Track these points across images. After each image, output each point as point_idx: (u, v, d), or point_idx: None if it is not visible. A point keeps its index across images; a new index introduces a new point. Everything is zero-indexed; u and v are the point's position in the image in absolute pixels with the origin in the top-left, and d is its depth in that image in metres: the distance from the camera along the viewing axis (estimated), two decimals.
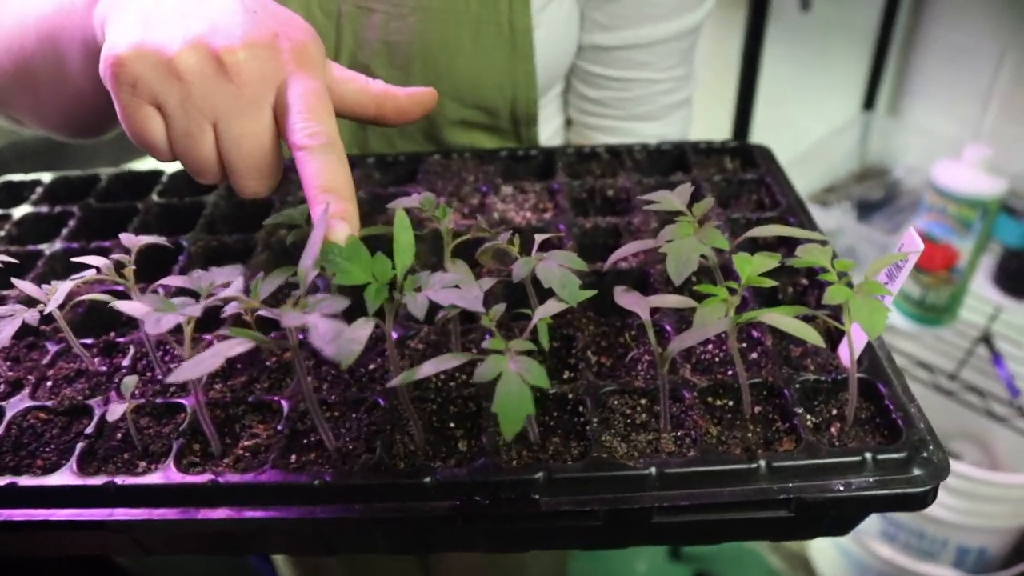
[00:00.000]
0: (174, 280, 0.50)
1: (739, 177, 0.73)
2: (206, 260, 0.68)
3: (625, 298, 0.49)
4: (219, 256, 0.68)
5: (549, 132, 0.87)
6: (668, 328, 0.57)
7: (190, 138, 0.50)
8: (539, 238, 0.51)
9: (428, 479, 0.47)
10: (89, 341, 0.59)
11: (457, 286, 0.44)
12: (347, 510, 0.47)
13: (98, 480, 0.49)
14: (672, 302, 0.48)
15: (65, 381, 0.57)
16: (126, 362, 0.57)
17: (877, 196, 1.56)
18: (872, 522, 1.46)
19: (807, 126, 1.64)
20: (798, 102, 1.65)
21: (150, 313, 0.41)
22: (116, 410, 0.48)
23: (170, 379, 0.38)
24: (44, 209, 0.74)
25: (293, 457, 0.50)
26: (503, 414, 0.39)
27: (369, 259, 0.45)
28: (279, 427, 0.51)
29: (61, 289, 0.51)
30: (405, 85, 0.74)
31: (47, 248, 0.69)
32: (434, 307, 0.44)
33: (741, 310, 0.49)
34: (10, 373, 0.58)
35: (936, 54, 1.50)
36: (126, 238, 0.53)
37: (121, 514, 0.48)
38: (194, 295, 0.47)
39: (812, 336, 0.44)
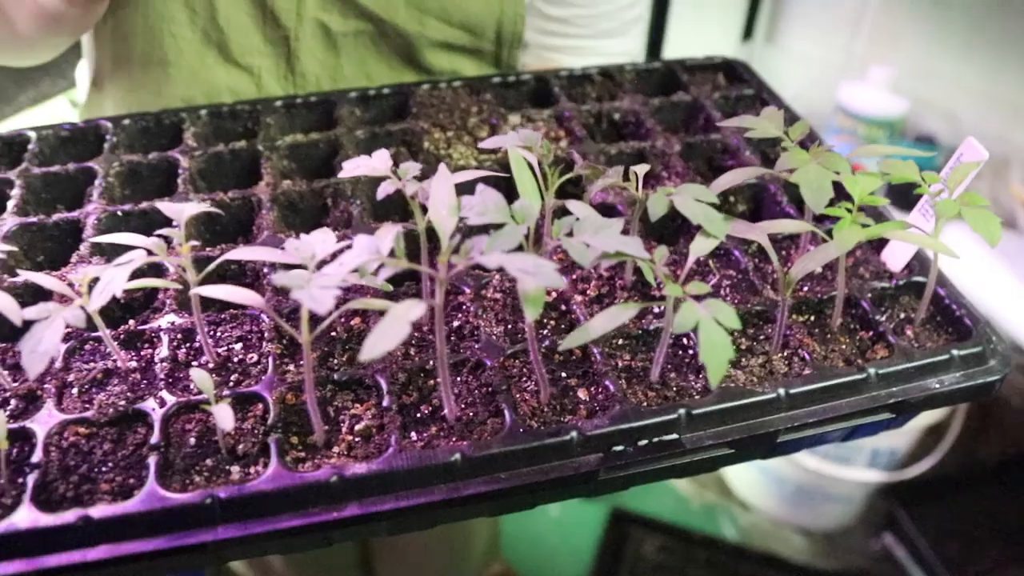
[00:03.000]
0: (249, 252, 0.43)
1: (736, 93, 0.72)
2: (201, 225, 0.59)
3: (737, 226, 0.48)
4: (216, 219, 0.59)
5: None
6: (773, 261, 0.57)
7: None
8: (641, 170, 0.48)
9: (571, 435, 0.45)
10: (104, 333, 0.50)
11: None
12: (492, 482, 0.44)
13: (193, 496, 0.42)
14: (790, 227, 0.48)
15: (94, 385, 0.48)
16: (162, 352, 0.49)
17: None
18: None
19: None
20: (680, 34, 1.67)
21: (306, 283, 0.35)
22: (225, 415, 0.41)
23: (363, 356, 0.33)
24: None
25: (413, 434, 0.45)
26: (710, 362, 0.38)
27: (504, 203, 0.41)
28: (385, 404, 0.46)
29: (110, 278, 0.42)
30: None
31: None
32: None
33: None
34: (15, 384, 0.48)
35: None
36: (169, 207, 0.45)
37: (231, 531, 0.42)
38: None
39: (946, 249, 0.45)
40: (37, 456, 0.44)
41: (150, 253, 0.44)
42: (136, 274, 0.43)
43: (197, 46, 0.69)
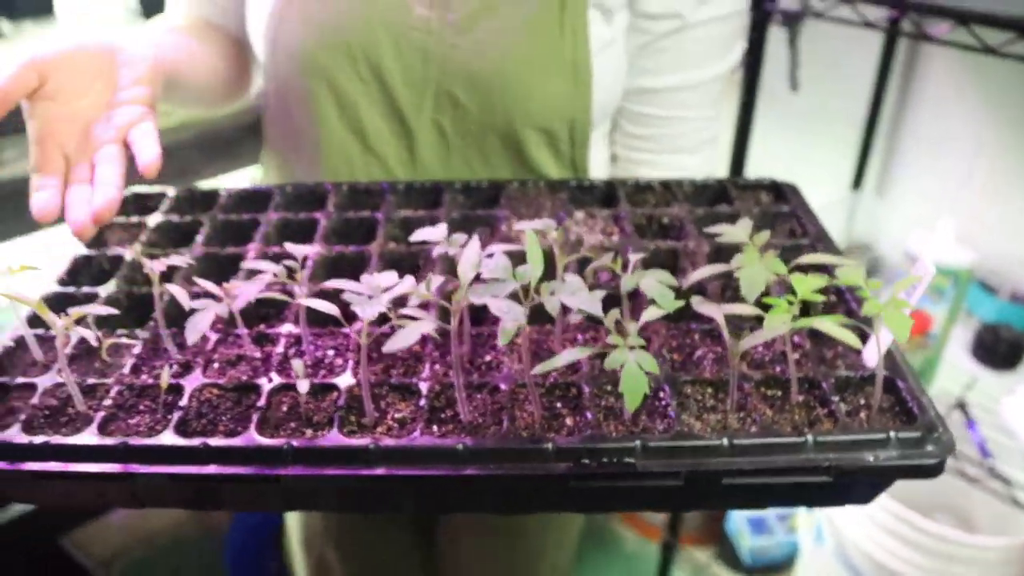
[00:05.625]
0: (338, 283, 0.62)
1: (774, 209, 0.86)
2: (325, 270, 0.80)
3: (704, 307, 0.62)
4: (336, 267, 0.79)
5: (599, 163, 1.00)
6: (724, 335, 0.70)
7: None
8: (633, 258, 0.64)
9: (548, 445, 0.59)
10: (242, 332, 0.71)
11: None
12: (484, 469, 0.59)
13: (275, 442, 0.60)
14: (743, 310, 0.61)
15: (228, 364, 0.68)
16: (279, 349, 0.69)
17: None
18: None
19: None
20: (787, 179, 1.79)
21: (363, 300, 0.53)
22: (303, 384, 0.59)
23: (386, 348, 0.50)
24: (175, 218, 0.86)
25: (435, 428, 0.62)
26: (628, 392, 0.52)
27: (509, 266, 0.57)
28: (421, 403, 0.63)
29: (246, 289, 0.62)
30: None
31: (188, 253, 0.80)
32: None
33: None
34: (179, 356, 0.69)
35: (920, 140, 1.66)
36: (300, 247, 0.65)
37: (298, 471, 0.60)
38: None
39: (852, 339, 0.57)
40: (183, 403, 0.64)
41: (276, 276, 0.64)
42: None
43: (344, 135, 0.92)
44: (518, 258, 0.60)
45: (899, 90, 1.68)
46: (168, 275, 0.75)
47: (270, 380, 0.66)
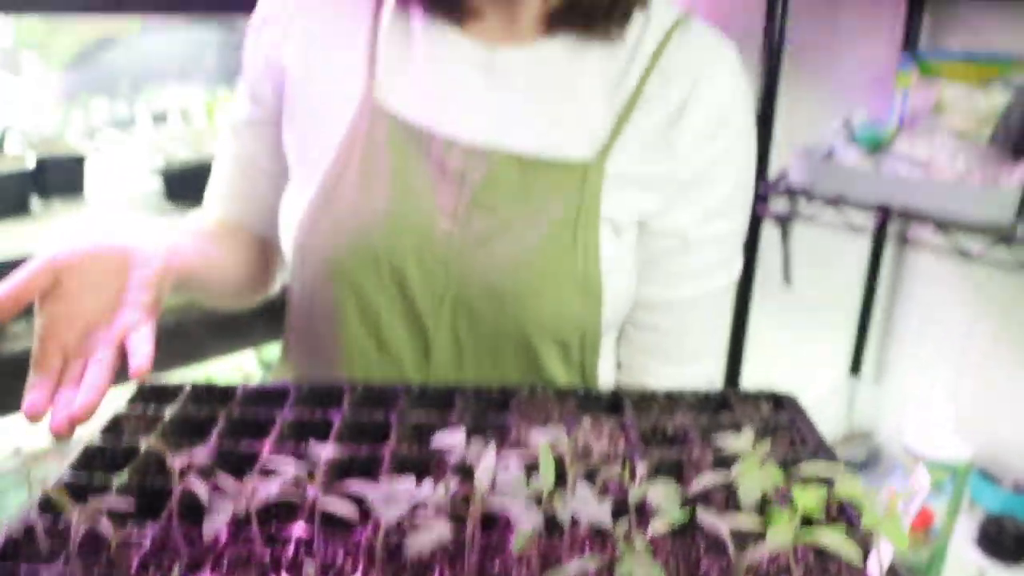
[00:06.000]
0: (360, 486, 0.64)
1: (774, 421, 0.89)
2: (339, 469, 0.81)
3: (707, 519, 0.63)
4: (348, 467, 0.81)
5: (608, 370, 1.04)
6: (729, 548, 0.71)
7: None
8: (640, 468, 0.66)
9: None
10: (254, 531, 0.71)
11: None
12: None
13: None
14: (746, 523, 0.63)
15: (239, 563, 0.69)
16: (290, 549, 0.69)
17: (860, 459, 1.74)
18: None
19: (795, 391, 1.84)
20: (786, 369, 1.86)
21: (391, 506, 0.55)
22: None
23: (411, 551, 0.52)
24: (191, 411, 0.89)
25: None
26: None
27: (522, 475, 0.60)
28: None
29: (264, 488, 0.64)
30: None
31: (202, 448, 0.82)
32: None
33: None
34: (188, 553, 0.69)
35: (914, 328, 1.74)
36: (317, 447, 0.68)
37: None
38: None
39: (854, 557, 0.58)
40: None
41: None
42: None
43: (363, 338, 0.97)
44: (529, 464, 0.63)
45: (890, 279, 1.77)
46: (184, 470, 0.77)
47: None
